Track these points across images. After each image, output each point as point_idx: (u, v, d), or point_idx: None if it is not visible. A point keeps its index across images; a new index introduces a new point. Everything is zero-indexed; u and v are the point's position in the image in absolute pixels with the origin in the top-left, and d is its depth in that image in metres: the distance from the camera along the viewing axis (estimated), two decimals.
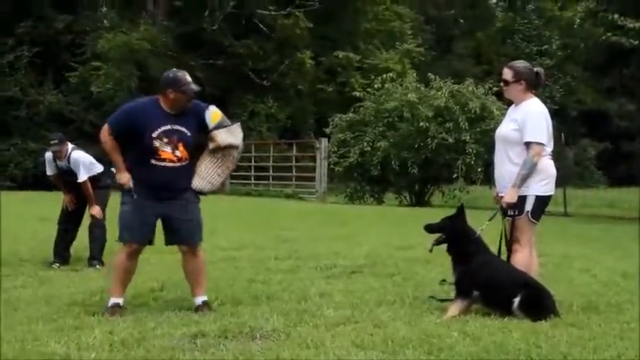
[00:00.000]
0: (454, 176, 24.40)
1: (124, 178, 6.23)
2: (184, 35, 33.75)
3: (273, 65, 34.96)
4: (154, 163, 6.16)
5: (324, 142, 26.90)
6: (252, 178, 30.53)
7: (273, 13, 34.26)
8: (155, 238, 6.40)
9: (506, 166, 6.47)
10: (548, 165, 6.45)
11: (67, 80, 32.14)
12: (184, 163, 6.26)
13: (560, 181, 8.84)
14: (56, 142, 9.39)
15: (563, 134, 25.77)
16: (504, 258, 6.43)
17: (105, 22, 35.26)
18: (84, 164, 9.43)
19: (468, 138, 23.17)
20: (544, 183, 6.40)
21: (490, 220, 6.45)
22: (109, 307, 6.25)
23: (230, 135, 6.34)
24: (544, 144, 6.34)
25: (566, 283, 7.75)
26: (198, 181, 6.34)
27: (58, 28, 32.50)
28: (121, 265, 6.37)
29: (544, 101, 6.85)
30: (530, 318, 5.76)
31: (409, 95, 24.27)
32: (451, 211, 6.59)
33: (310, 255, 9.76)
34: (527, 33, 44.94)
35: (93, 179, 9.50)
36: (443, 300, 6.46)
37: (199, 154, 6.43)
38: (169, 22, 34.04)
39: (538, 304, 5.94)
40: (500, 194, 6.48)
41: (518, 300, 5.90)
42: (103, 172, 9.61)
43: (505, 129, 6.57)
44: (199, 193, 6.39)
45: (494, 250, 6.44)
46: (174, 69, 6.55)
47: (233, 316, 5.91)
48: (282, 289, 7.28)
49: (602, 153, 43.37)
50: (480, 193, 23.38)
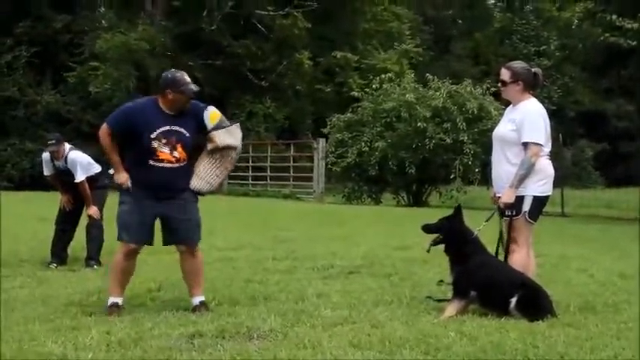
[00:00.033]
0: (452, 176, 24.40)
1: (122, 177, 6.23)
2: (182, 35, 33.73)
3: (271, 65, 34.95)
4: (152, 163, 6.16)
5: (321, 142, 26.89)
6: (250, 178, 30.49)
7: (271, 13, 34.25)
8: (154, 237, 6.40)
9: (504, 167, 6.47)
10: (545, 165, 6.44)
11: (65, 80, 32.14)
12: (182, 163, 6.26)
13: (558, 182, 8.82)
14: (53, 142, 9.38)
15: (560, 135, 25.77)
16: (502, 258, 6.44)
17: (103, 22, 35.23)
18: (81, 164, 9.42)
19: (465, 138, 23.17)
20: (542, 183, 6.40)
21: (487, 221, 6.45)
22: (107, 306, 6.26)
23: (229, 136, 6.33)
24: (542, 144, 6.34)
25: (564, 283, 7.75)
26: (196, 182, 6.34)
27: (56, 28, 32.47)
28: (119, 265, 6.37)
29: (542, 102, 6.85)
30: (528, 318, 5.76)
31: (407, 95, 24.25)
32: (448, 212, 6.58)
33: (308, 255, 9.76)
34: (526, 33, 44.98)
35: (90, 179, 9.50)
36: (440, 300, 6.47)
37: (198, 154, 6.43)
38: (167, 22, 34.00)
39: (535, 304, 5.94)
40: (498, 194, 6.47)
41: (515, 300, 5.90)
42: (100, 173, 9.61)
43: (503, 129, 6.56)
44: (197, 193, 6.39)
45: (491, 251, 6.45)
46: (172, 69, 6.55)
47: (230, 317, 5.90)
48: (279, 289, 7.29)
49: (599, 153, 43.38)
50: (478, 193, 23.38)
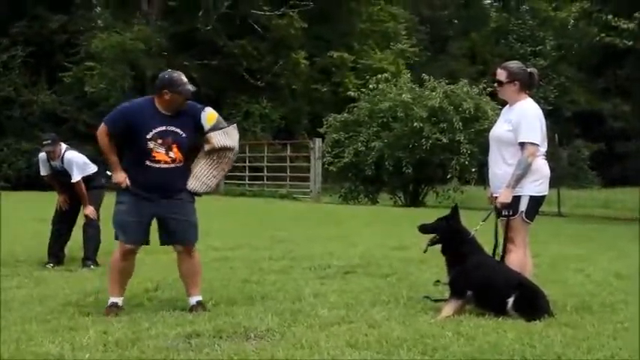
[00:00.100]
0: (448, 176, 24.47)
1: (120, 177, 6.22)
2: (178, 35, 33.71)
3: (267, 65, 34.96)
4: (148, 164, 6.15)
5: (318, 142, 26.87)
6: (247, 178, 30.48)
7: (267, 13, 34.24)
8: (150, 238, 6.40)
9: (501, 167, 6.47)
10: (542, 165, 6.45)
11: (60, 80, 32.13)
12: (179, 164, 6.25)
13: (554, 182, 8.85)
14: (49, 142, 9.36)
15: (557, 135, 25.81)
16: (498, 258, 6.45)
17: (99, 22, 35.29)
18: (77, 164, 9.40)
19: (462, 138, 23.20)
20: (538, 183, 6.41)
21: (484, 221, 6.46)
22: (106, 306, 6.27)
23: (226, 137, 6.32)
24: (538, 144, 6.34)
25: (560, 283, 7.76)
26: (193, 182, 6.34)
27: (52, 28, 32.44)
28: (117, 265, 6.37)
29: (538, 102, 6.86)
30: (525, 318, 5.77)
31: (403, 95, 24.28)
32: (445, 212, 6.59)
33: (305, 255, 9.76)
34: (522, 33, 44.98)
35: (87, 179, 9.48)
36: (437, 300, 6.48)
37: (195, 155, 6.42)
38: (163, 22, 33.99)
39: (532, 304, 5.95)
40: (495, 195, 6.48)
41: (512, 300, 5.90)
42: (97, 172, 9.60)
43: (499, 130, 6.57)
44: (194, 194, 6.38)
45: (488, 251, 6.45)
46: (169, 70, 6.55)
47: (227, 316, 5.90)
48: (276, 289, 7.29)
49: (596, 153, 43.43)
50: (474, 193, 23.39)
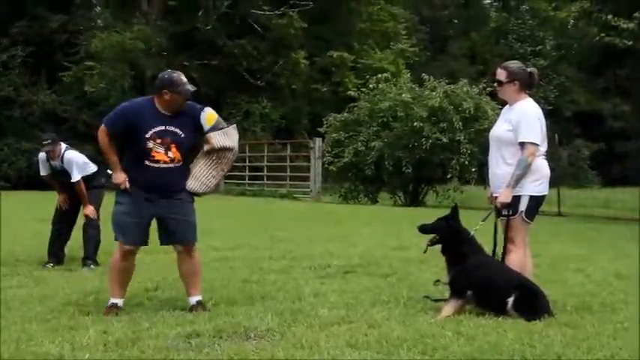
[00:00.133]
0: (448, 176, 24.46)
1: (119, 178, 6.21)
2: (178, 35, 33.70)
3: (267, 65, 34.95)
4: (147, 164, 6.15)
5: (318, 141, 26.86)
6: (247, 178, 30.47)
7: (267, 13, 34.23)
8: (149, 238, 6.39)
9: (501, 167, 6.47)
10: (542, 165, 6.45)
11: (60, 80, 32.11)
12: (178, 164, 6.24)
13: (554, 181, 8.85)
14: (49, 142, 9.35)
15: (557, 134, 25.80)
16: (498, 258, 6.44)
17: (99, 21, 35.28)
18: (77, 164, 9.40)
19: (462, 138, 23.18)
20: (538, 183, 6.41)
21: (484, 221, 6.46)
22: (106, 306, 6.27)
23: (226, 137, 6.32)
24: (538, 144, 6.34)
25: (560, 283, 7.76)
26: (192, 183, 6.33)
27: (52, 27, 32.42)
28: (117, 266, 6.37)
29: (538, 101, 6.85)
30: (525, 318, 5.77)
31: (403, 95, 24.26)
32: (445, 212, 6.59)
33: (305, 255, 9.76)
34: (522, 33, 44.96)
35: (86, 179, 9.48)
36: (437, 300, 6.47)
37: (195, 155, 6.42)
38: (163, 21, 33.96)
39: (532, 304, 5.94)
40: (495, 194, 6.47)
41: (512, 300, 5.90)
42: (96, 172, 9.60)
43: (499, 129, 6.57)
44: (194, 194, 6.38)
45: (488, 251, 6.45)
46: (169, 70, 6.55)
47: (227, 316, 5.90)
48: (276, 289, 7.28)
49: (595, 153, 43.41)
50: (474, 193, 23.38)
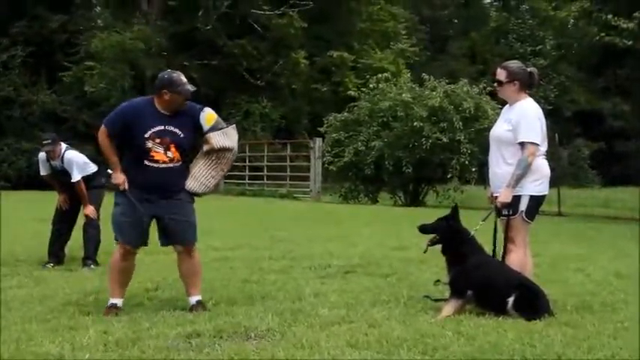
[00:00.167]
0: (448, 176, 24.45)
1: (119, 179, 6.21)
2: (178, 35, 33.70)
3: (267, 65, 34.94)
4: (147, 164, 6.14)
5: (318, 141, 26.85)
6: (247, 177, 30.46)
7: (267, 12, 34.22)
8: (149, 238, 6.39)
9: (501, 167, 6.47)
10: (542, 165, 6.45)
11: (60, 80, 32.11)
12: (177, 164, 6.23)
13: (554, 181, 8.85)
14: (49, 142, 9.35)
15: (557, 134, 25.79)
16: (498, 257, 6.44)
17: (99, 21, 35.27)
18: (77, 164, 9.40)
19: (462, 138, 23.18)
20: (538, 183, 6.40)
21: (484, 221, 6.45)
22: (106, 306, 6.27)
23: (225, 138, 6.31)
24: (538, 144, 6.33)
25: (561, 282, 7.76)
26: (191, 183, 6.33)
27: (52, 27, 32.42)
28: (116, 266, 6.37)
29: (538, 101, 6.85)
30: (525, 317, 5.77)
31: (403, 95, 24.26)
32: (445, 211, 6.58)
33: (305, 255, 9.76)
34: (522, 33, 44.92)
35: (86, 179, 9.48)
36: (437, 300, 6.47)
37: (194, 155, 6.42)
38: (163, 21, 33.96)
39: (533, 303, 5.94)
40: (495, 194, 6.47)
41: (512, 299, 5.90)
42: (97, 172, 9.59)
43: (499, 129, 6.56)
44: (193, 194, 6.37)
45: (488, 251, 6.45)
46: (169, 70, 6.55)
47: (228, 316, 5.90)
48: (276, 289, 7.28)
49: (596, 153, 43.41)
50: (475, 192, 23.37)
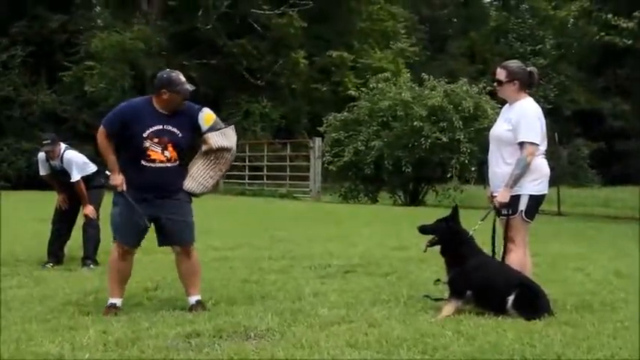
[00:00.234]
0: (448, 175, 24.45)
1: (117, 179, 6.20)
2: (178, 35, 33.70)
3: (267, 65, 34.96)
4: (144, 164, 6.13)
5: (317, 141, 26.86)
6: (247, 177, 30.47)
7: (267, 12, 34.23)
8: (145, 238, 6.39)
9: (500, 166, 6.46)
10: (541, 164, 6.45)
11: (60, 80, 32.12)
12: (174, 163, 6.22)
13: (554, 180, 8.85)
14: (49, 142, 9.34)
15: (556, 133, 25.78)
16: (497, 257, 6.44)
17: (99, 21, 35.26)
18: (77, 164, 9.40)
19: (462, 137, 23.18)
20: (538, 182, 6.40)
21: (482, 220, 6.45)
22: (105, 306, 6.26)
23: (224, 138, 6.31)
24: (538, 144, 6.33)
25: (560, 282, 7.75)
26: (189, 183, 6.32)
27: (52, 27, 32.43)
28: (115, 266, 6.37)
29: (538, 100, 6.85)
30: (525, 317, 5.77)
31: (403, 94, 24.27)
32: (445, 211, 6.58)
33: (304, 255, 9.76)
34: (521, 32, 44.96)
35: (86, 179, 9.47)
36: (437, 299, 6.46)
37: (193, 155, 6.41)
38: (163, 21, 33.97)
39: (532, 303, 5.94)
40: (494, 194, 6.47)
41: (512, 299, 5.89)
42: (96, 172, 9.59)
43: (499, 129, 6.56)
44: (191, 194, 6.37)
45: (488, 251, 6.45)
46: (168, 69, 6.54)
47: (227, 316, 5.90)
48: (276, 288, 7.28)
49: (595, 152, 43.43)
50: (474, 192, 23.36)
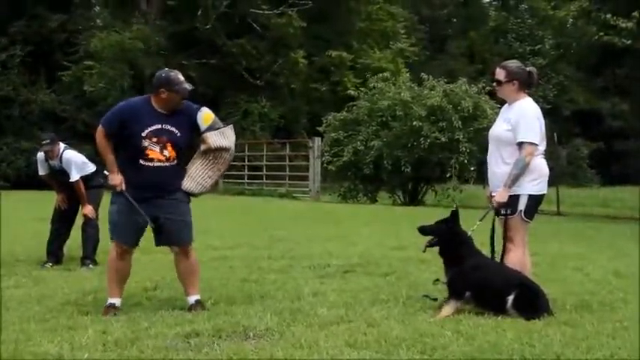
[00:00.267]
0: (447, 175, 24.45)
1: (116, 179, 6.19)
2: (177, 34, 33.70)
3: (266, 64, 34.94)
4: (142, 163, 6.13)
5: (317, 141, 26.87)
6: (246, 177, 30.47)
7: (266, 12, 34.23)
8: (143, 238, 6.39)
9: (500, 166, 6.46)
10: (540, 164, 6.45)
11: (59, 79, 32.10)
12: (173, 162, 6.21)
13: (553, 180, 8.85)
14: (48, 141, 9.34)
15: (556, 133, 25.80)
16: (497, 257, 6.44)
17: (98, 21, 35.27)
18: (76, 164, 9.40)
19: (461, 137, 23.17)
20: (537, 182, 6.40)
21: (481, 220, 6.45)
22: (104, 306, 6.26)
23: (222, 137, 6.30)
24: (537, 144, 6.33)
25: (560, 281, 7.75)
26: (188, 182, 6.31)
27: (51, 27, 32.41)
28: (113, 265, 6.37)
29: (537, 100, 6.85)
30: (524, 317, 5.76)
31: (402, 94, 24.27)
32: (445, 211, 6.59)
33: (304, 254, 9.75)
34: (521, 32, 45.02)
35: (85, 178, 9.47)
36: (437, 299, 6.46)
37: (191, 155, 6.41)
38: (162, 21, 33.96)
39: (532, 302, 5.93)
40: (494, 194, 6.47)
41: (512, 299, 5.89)
42: (95, 172, 9.58)
43: (498, 129, 6.56)
44: (189, 194, 6.36)
45: (487, 251, 6.44)
46: (166, 69, 6.53)
47: (227, 316, 5.89)
48: (275, 288, 7.28)
49: (594, 152, 43.45)
50: (473, 192, 23.39)
